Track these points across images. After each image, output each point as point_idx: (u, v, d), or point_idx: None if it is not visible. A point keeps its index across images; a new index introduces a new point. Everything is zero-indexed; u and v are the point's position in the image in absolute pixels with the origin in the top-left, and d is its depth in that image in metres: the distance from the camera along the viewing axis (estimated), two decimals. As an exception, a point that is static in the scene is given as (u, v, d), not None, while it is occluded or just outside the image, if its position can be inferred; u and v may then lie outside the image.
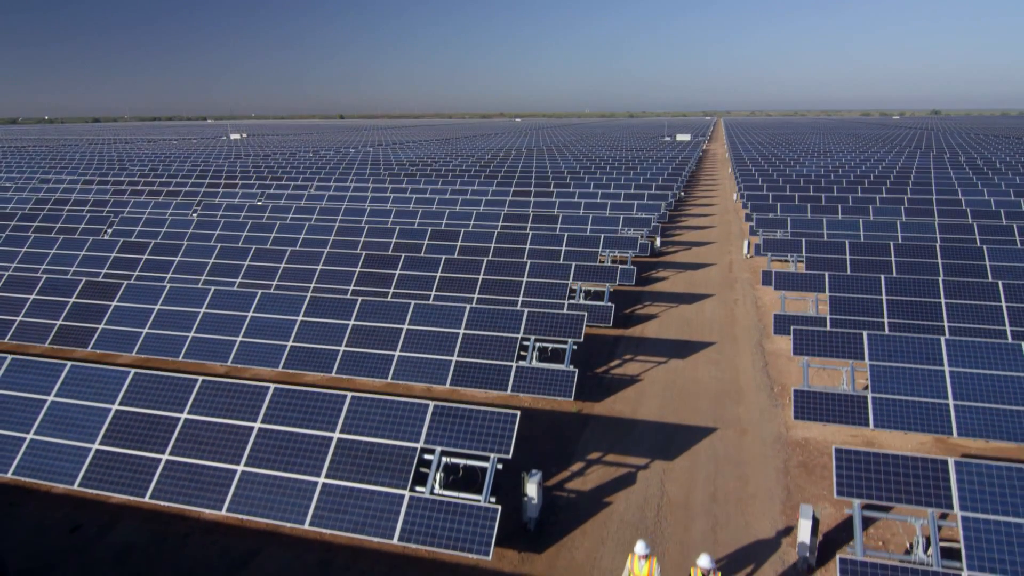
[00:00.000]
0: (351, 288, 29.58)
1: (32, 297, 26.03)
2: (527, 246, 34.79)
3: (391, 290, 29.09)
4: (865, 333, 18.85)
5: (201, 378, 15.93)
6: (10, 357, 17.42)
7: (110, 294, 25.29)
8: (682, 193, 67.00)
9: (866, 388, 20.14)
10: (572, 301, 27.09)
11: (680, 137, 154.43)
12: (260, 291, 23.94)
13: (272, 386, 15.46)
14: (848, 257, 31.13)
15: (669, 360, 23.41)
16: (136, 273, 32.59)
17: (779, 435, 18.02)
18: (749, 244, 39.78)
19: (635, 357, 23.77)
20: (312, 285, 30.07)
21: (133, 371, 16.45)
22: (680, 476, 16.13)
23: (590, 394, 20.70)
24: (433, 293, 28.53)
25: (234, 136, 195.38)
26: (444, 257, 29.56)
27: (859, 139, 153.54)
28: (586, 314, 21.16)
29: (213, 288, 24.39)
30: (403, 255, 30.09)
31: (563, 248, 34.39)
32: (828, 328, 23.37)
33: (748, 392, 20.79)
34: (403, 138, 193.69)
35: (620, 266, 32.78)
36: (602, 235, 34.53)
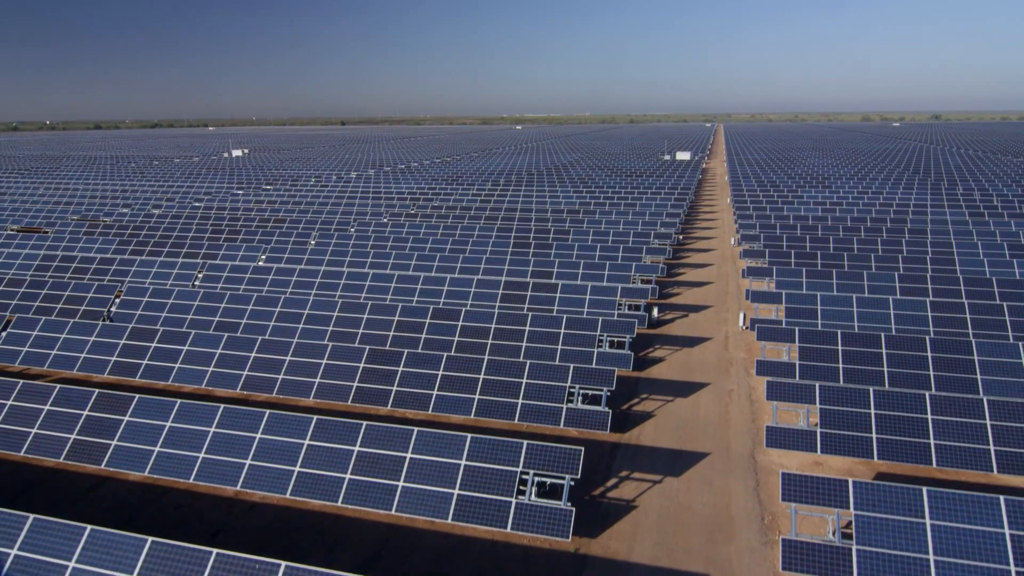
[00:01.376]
0: (355, 385, 30.41)
1: (46, 408, 26.84)
2: (526, 328, 35.58)
3: (394, 388, 29.91)
4: (851, 481, 19.63)
5: (215, 552, 16.72)
6: (32, 517, 18.22)
7: (122, 408, 26.09)
8: (680, 236, 67.79)
9: (849, 525, 20.93)
10: (571, 405, 27.91)
11: (680, 156, 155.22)
12: (268, 411, 24.73)
13: (283, 564, 16.25)
14: (840, 348, 31.93)
15: (664, 479, 24.18)
16: (144, 362, 33.44)
17: (768, 585, 18.81)
18: (745, 316, 40.54)
19: (631, 475, 24.55)
20: (317, 381, 30.90)
21: (151, 540, 17.25)
22: (672, 640, 16.92)
23: (587, 528, 21.47)
24: (435, 393, 29.34)
25: (236, 153, 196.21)
26: (445, 355, 30.37)
27: (859, 156, 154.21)
28: (583, 449, 21.95)
29: (223, 406, 25.19)
30: (405, 351, 30.91)
31: (561, 331, 35.20)
32: (817, 460, 24.17)
33: (739, 523, 21.55)
34: (404, 154, 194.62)
35: (617, 352, 33.60)
36: (600, 318, 35.32)
